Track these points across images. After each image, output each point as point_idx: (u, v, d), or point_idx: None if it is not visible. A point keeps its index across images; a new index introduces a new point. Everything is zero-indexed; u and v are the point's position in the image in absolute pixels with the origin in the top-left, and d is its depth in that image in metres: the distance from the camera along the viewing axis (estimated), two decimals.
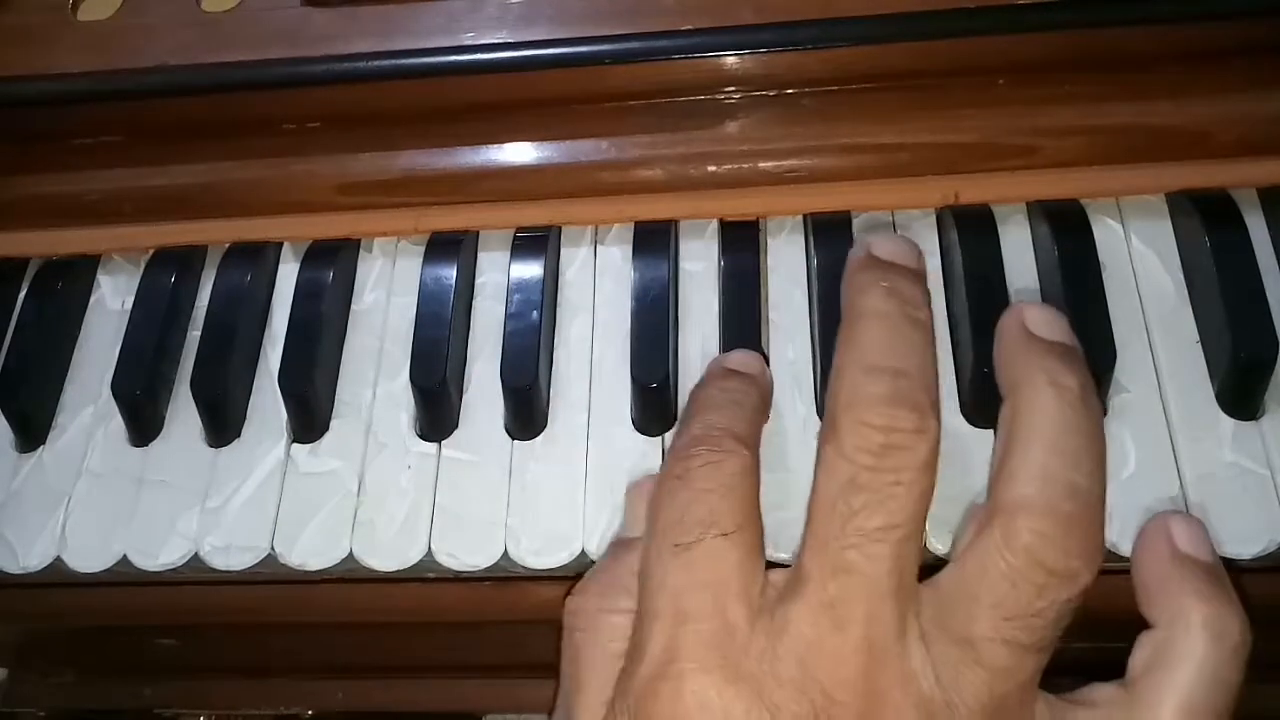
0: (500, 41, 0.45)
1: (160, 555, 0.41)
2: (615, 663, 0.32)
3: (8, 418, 0.45)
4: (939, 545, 0.37)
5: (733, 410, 0.36)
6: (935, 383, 0.33)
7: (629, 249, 0.45)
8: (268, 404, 0.44)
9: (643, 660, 0.31)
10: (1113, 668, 0.32)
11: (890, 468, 0.30)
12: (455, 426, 0.42)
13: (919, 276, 0.35)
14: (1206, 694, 0.30)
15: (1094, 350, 0.39)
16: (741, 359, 0.39)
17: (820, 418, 0.40)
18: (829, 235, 0.43)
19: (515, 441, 0.42)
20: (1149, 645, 0.31)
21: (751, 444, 0.34)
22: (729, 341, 0.42)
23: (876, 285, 0.34)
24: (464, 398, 0.43)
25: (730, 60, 0.44)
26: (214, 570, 0.41)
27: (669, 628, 0.31)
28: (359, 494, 0.41)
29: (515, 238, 0.45)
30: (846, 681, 0.29)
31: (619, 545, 0.36)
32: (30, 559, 0.42)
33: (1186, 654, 0.30)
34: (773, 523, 0.34)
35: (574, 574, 0.40)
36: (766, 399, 0.39)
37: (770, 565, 0.33)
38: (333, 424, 0.43)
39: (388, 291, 0.46)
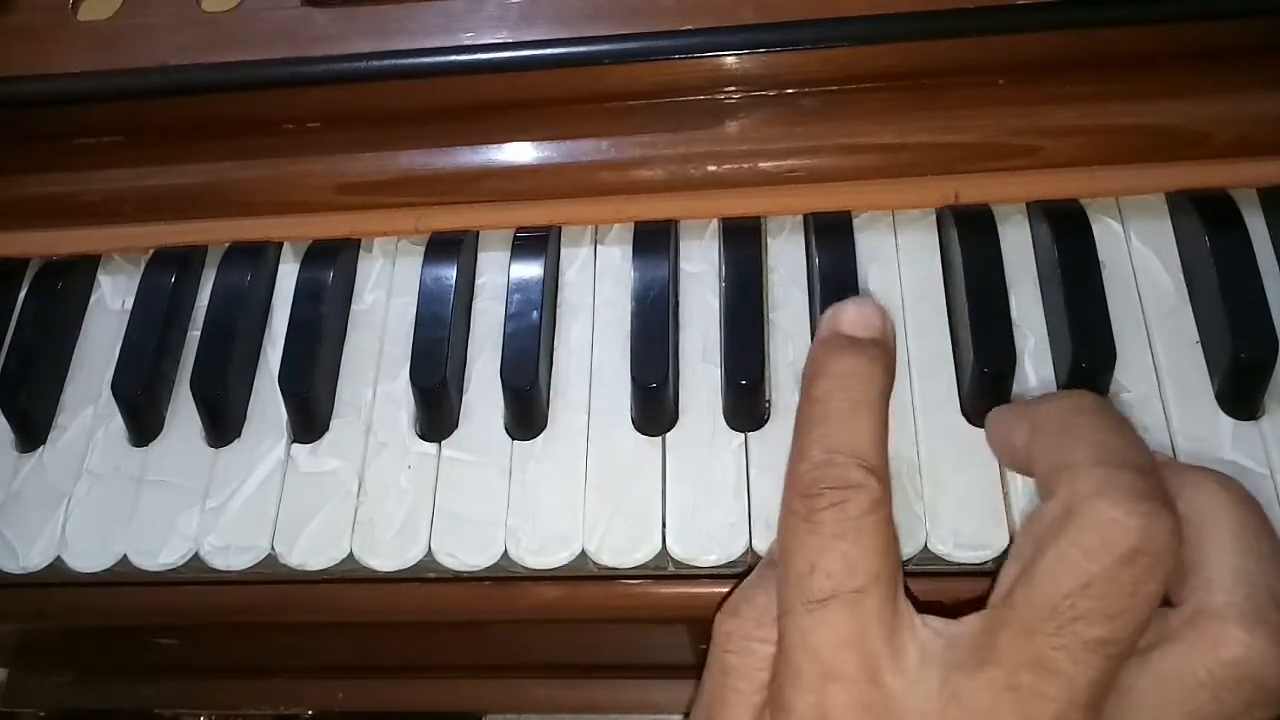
0: (500, 41, 0.45)
1: (160, 555, 0.41)
2: (760, 691, 0.32)
3: (8, 418, 0.45)
4: (939, 545, 0.37)
5: (855, 419, 0.32)
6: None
7: (629, 249, 0.45)
8: (268, 404, 0.44)
9: (792, 716, 0.30)
10: None
11: (1132, 578, 0.28)
12: (455, 426, 0.42)
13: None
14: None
15: (1094, 350, 0.39)
16: (858, 316, 0.35)
17: None
18: (829, 235, 0.43)
19: (515, 441, 0.42)
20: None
21: (879, 464, 0.32)
22: (729, 341, 0.41)
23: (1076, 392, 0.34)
24: (464, 398, 0.43)
25: (730, 60, 0.44)
26: (214, 570, 0.41)
27: (816, 686, 0.30)
28: (359, 494, 0.41)
29: (515, 238, 0.45)
30: None
31: (774, 570, 0.33)
32: (30, 559, 0.42)
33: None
34: None
35: (574, 574, 0.40)
36: (892, 367, 0.35)
37: None
38: (333, 424, 0.43)
39: (388, 291, 0.46)
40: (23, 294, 0.48)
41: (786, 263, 0.44)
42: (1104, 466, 0.29)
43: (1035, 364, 0.40)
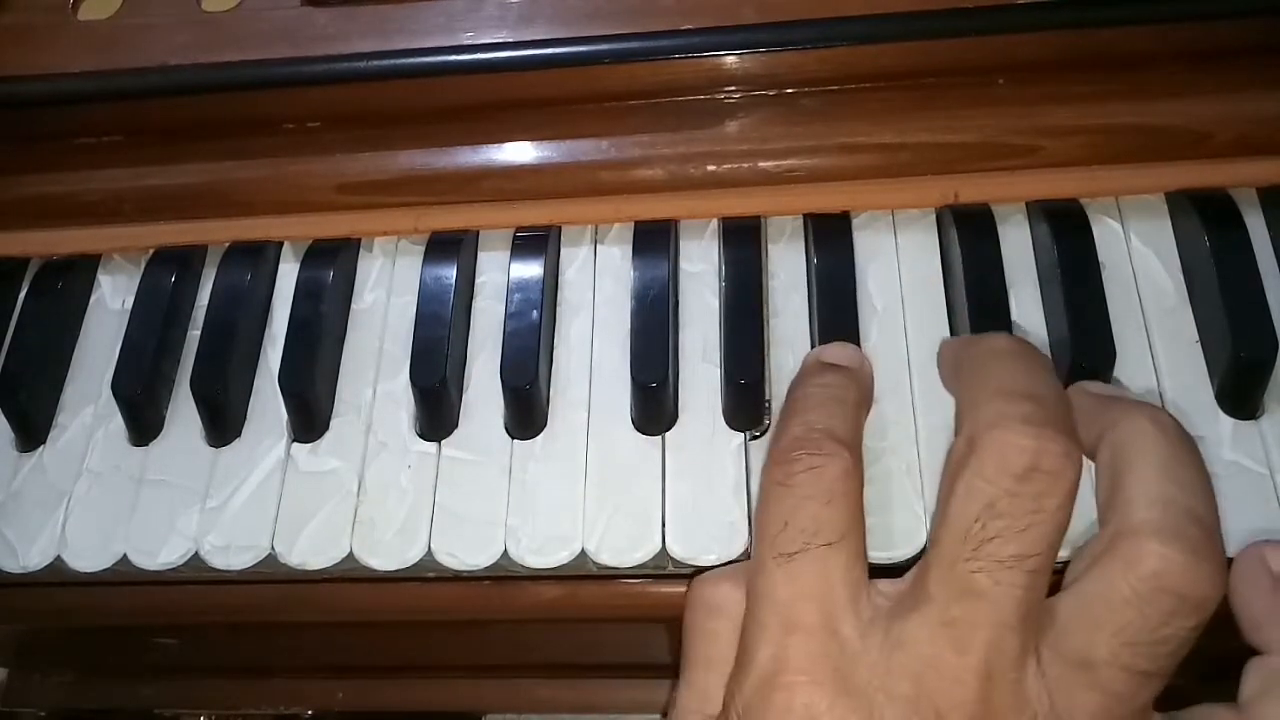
0: (500, 41, 0.45)
1: (160, 555, 0.41)
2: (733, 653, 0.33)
3: (8, 417, 0.45)
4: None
5: (832, 408, 0.35)
6: (1070, 412, 0.33)
7: (629, 249, 0.45)
8: (268, 403, 0.44)
9: (752, 667, 0.31)
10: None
11: (1032, 494, 0.30)
12: (455, 426, 0.42)
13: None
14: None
15: (1094, 349, 0.39)
16: (838, 353, 0.39)
17: None
18: (829, 235, 0.43)
19: (515, 441, 0.42)
20: (1262, 670, 0.31)
21: (852, 444, 0.34)
22: (729, 341, 0.41)
23: (994, 334, 0.37)
24: (464, 397, 0.43)
25: (730, 60, 0.44)
26: (214, 570, 0.41)
27: (777, 637, 0.31)
28: (359, 493, 0.41)
29: (515, 237, 0.46)
30: (961, 703, 0.29)
31: None
32: (30, 558, 0.42)
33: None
34: None
35: (574, 573, 0.40)
36: (867, 393, 0.39)
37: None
38: (333, 423, 0.43)
39: (388, 291, 0.46)
40: (23, 294, 0.48)
41: (786, 262, 0.44)
42: (1002, 398, 0.32)
43: None
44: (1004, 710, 0.29)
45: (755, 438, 0.40)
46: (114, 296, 0.48)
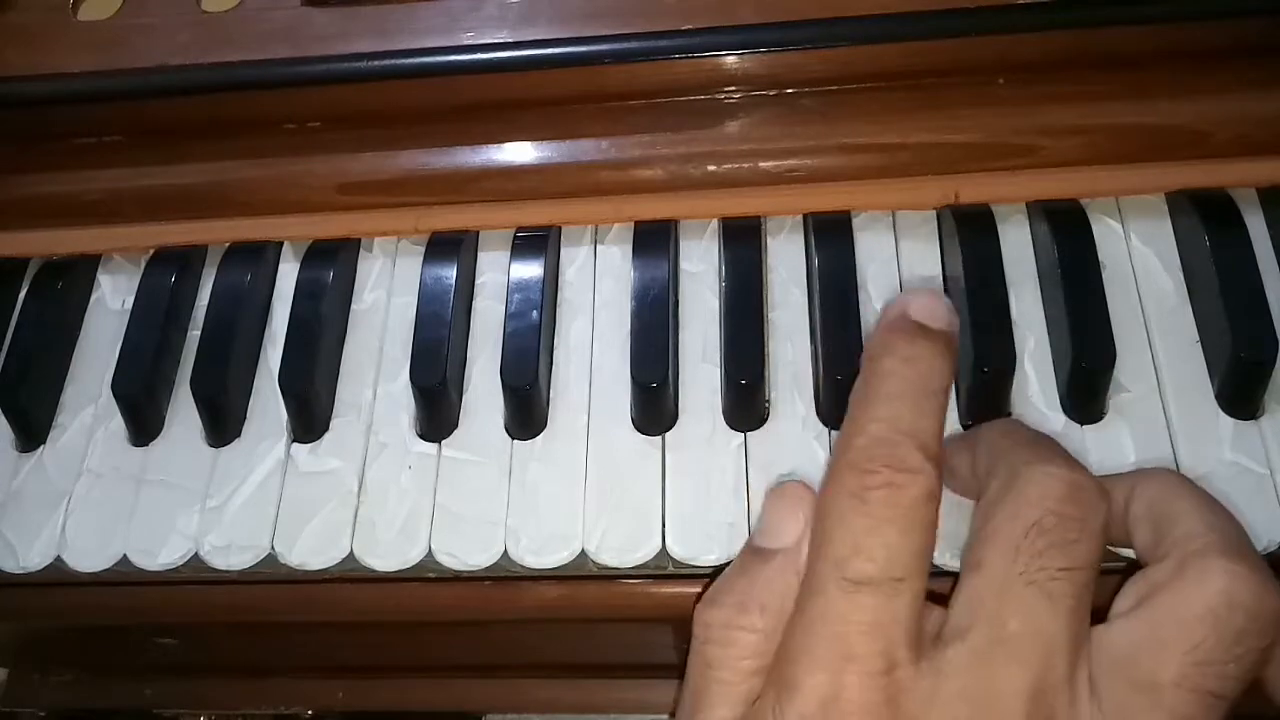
0: (500, 41, 0.45)
1: (160, 555, 0.41)
2: (746, 680, 0.31)
3: (8, 417, 0.45)
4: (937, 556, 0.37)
5: (922, 402, 0.31)
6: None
7: (629, 249, 0.45)
8: (268, 404, 0.44)
9: (799, 695, 0.30)
10: None
11: (1077, 513, 0.30)
12: (455, 426, 0.42)
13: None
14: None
15: (1094, 349, 0.39)
16: (928, 306, 0.33)
17: (819, 416, 0.40)
18: (829, 235, 0.43)
19: (515, 441, 0.42)
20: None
21: (938, 453, 0.31)
22: (729, 341, 0.41)
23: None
24: (464, 398, 0.43)
25: (730, 60, 0.44)
26: (214, 570, 0.41)
27: (834, 666, 0.29)
28: (359, 494, 0.41)
29: (515, 237, 0.46)
30: None
31: (755, 556, 0.33)
32: (30, 558, 0.42)
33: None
34: None
35: (574, 573, 0.40)
36: (955, 359, 0.33)
37: None
38: (333, 424, 0.43)
39: (388, 291, 0.46)
40: (23, 294, 0.48)
41: (786, 263, 0.44)
42: (1029, 448, 0.32)
43: (1035, 364, 0.40)
44: None
45: (753, 435, 0.40)
46: (114, 296, 0.48)
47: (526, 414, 0.41)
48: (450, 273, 0.44)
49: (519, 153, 0.45)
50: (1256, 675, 0.30)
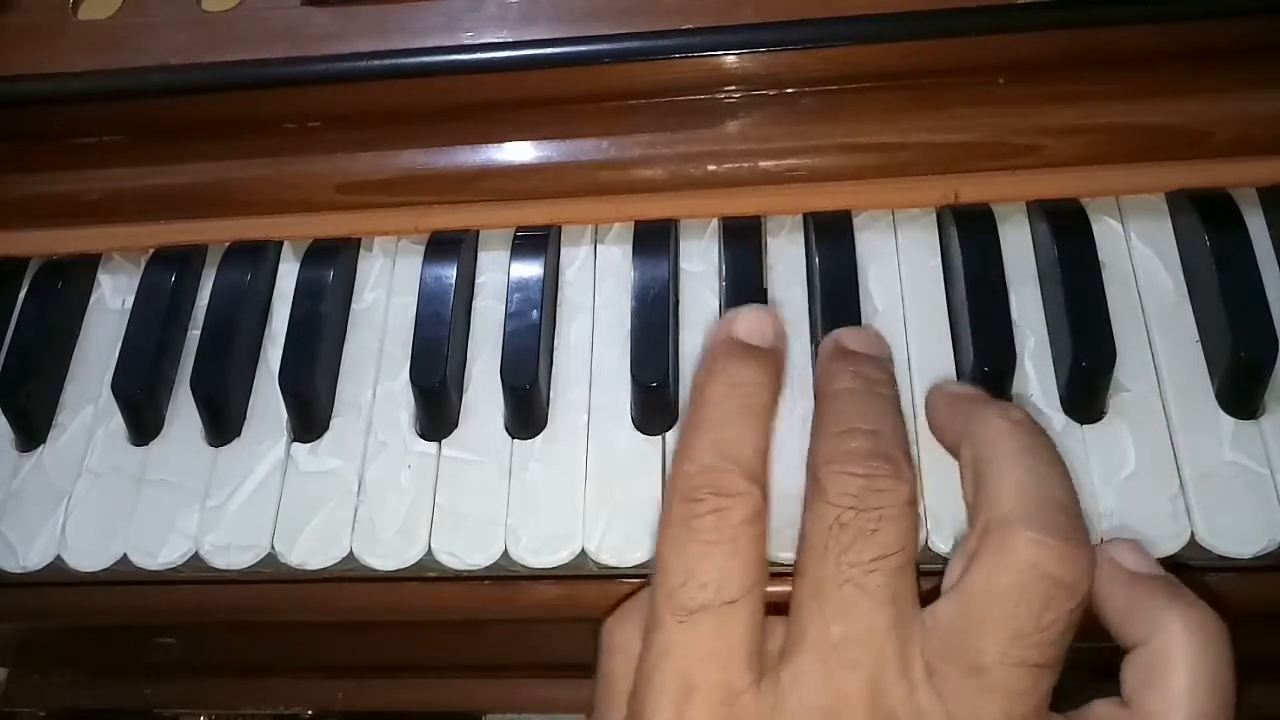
0: (500, 41, 0.45)
1: (160, 554, 0.41)
2: None
3: (8, 417, 0.45)
4: (941, 545, 0.37)
5: (745, 423, 0.33)
6: (907, 444, 0.33)
7: (629, 248, 0.45)
8: (268, 403, 0.44)
9: None
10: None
11: (874, 506, 0.30)
12: (455, 426, 0.42)
13: (885, 362, 0.37)
14: (1208, 697, 0.30)
15: (1094, 349, 0.39)
16: (751, 323, 0.35)
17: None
18: (829, 235, 0.43)
19: (515, 441, 0.42)
20: (1138, 664, 0.31)
21: (761, 471, 0.32)
22: None
23: (845, 370, 0.35)
24: (464, 397, 0.43)
25: (730, 59, 0.44)
26: (214, 569, 0.41)
27: (675, 699, 0.30)
28: (359, 493, 0.41)
29: (515, 237, 0.45)
30: None
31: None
32: (30, 558, 0.42)
33: (1178, 660, 0.30)
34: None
35: (574, 573, 0.40)
36: (781, 372, 0.36)
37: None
38: (333, 423, 0.43)
39: (388, 291, 0.46)
40: (23, 293, 0.48)
41: (786, 262, 0.44)
42: (835, 438, 0.32)
43: (1035, 364, 0.40)
44: None
45: None
46: (114, 296, 0.48)
47: (526, 413, 0.41)
48: (450, 272, 0.44)
49: (519, 152, 0.45)
50: (1081, 628, 0.30)
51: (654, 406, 0.41)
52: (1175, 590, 0.31)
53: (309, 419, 0.43)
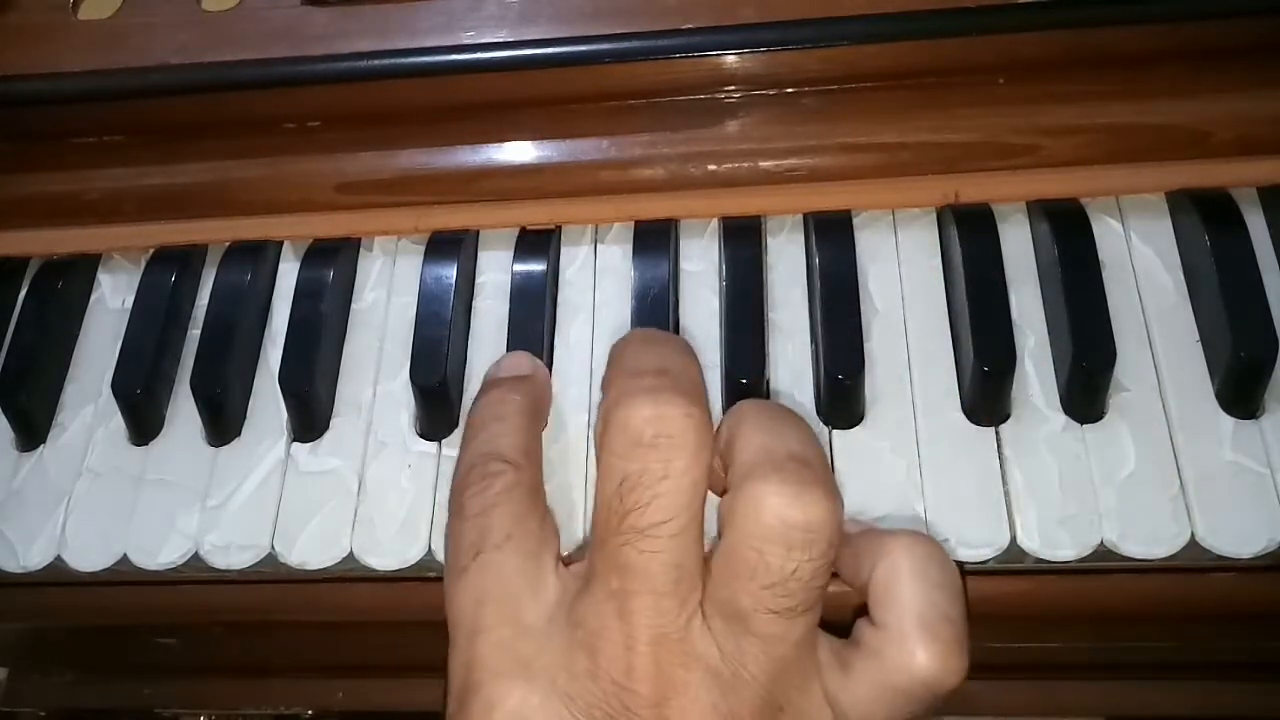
0: (500, 40, 0.45)
1: (160, 554, 0.41)
2: None
3: (8, 416, 0.45)
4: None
5: (496, 427, 0.37)
6: (698, 381, 0.35)
7: (629, 248, 0.45)
8: (268, 403, 0.44)
9: (452, 682, 0.33)
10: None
11: (659, 460, 0.32)
12: (456, 425, 0.42)
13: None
14: (934, 590, 0.32)
15: (1094, 349, 0.39)
16: (511, 364, 0.41)
17: (819, 416, 0.40)
18: (829, 234, 0.43)
19: None
20: (874, 593, 0.32)
21: (518, 455, 0.36)
22: (730, 340, 0.41)
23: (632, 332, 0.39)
24: (464, 397, 0.43)
25: (730, 59, 0.44)
26: (214, 569, 0.41)
27: (466, 645, 0.33)
28: (359, 493, 0.41)
29: (516, 237, 0.45)
30: (635, 668, 0.31)
31: None
32: (30, 558, 0.42)
33: (901, 573, 0.32)
34: None
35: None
36: (539, 399, 0.40)
37: None
38: (333, 423, 0.43)
39: (388, 291, 0.46)
40: (23, 293, 0.48)
41: (786, 262, 0.44)
42: (626, 376, 0.34)
43: (1035, 363, 0.40)
44: (675, 667, 0.31)
45: None
46: (114, 296, 0.48)
47: None
48: (450, 272, 0.44)
49: (519, 152, 0.45)
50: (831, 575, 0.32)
51: None
52: (889, 531, 0.34)
53: (309, 419, 0.43)
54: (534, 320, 0.43)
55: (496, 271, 0.45)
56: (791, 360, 0.42)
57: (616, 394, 0.33)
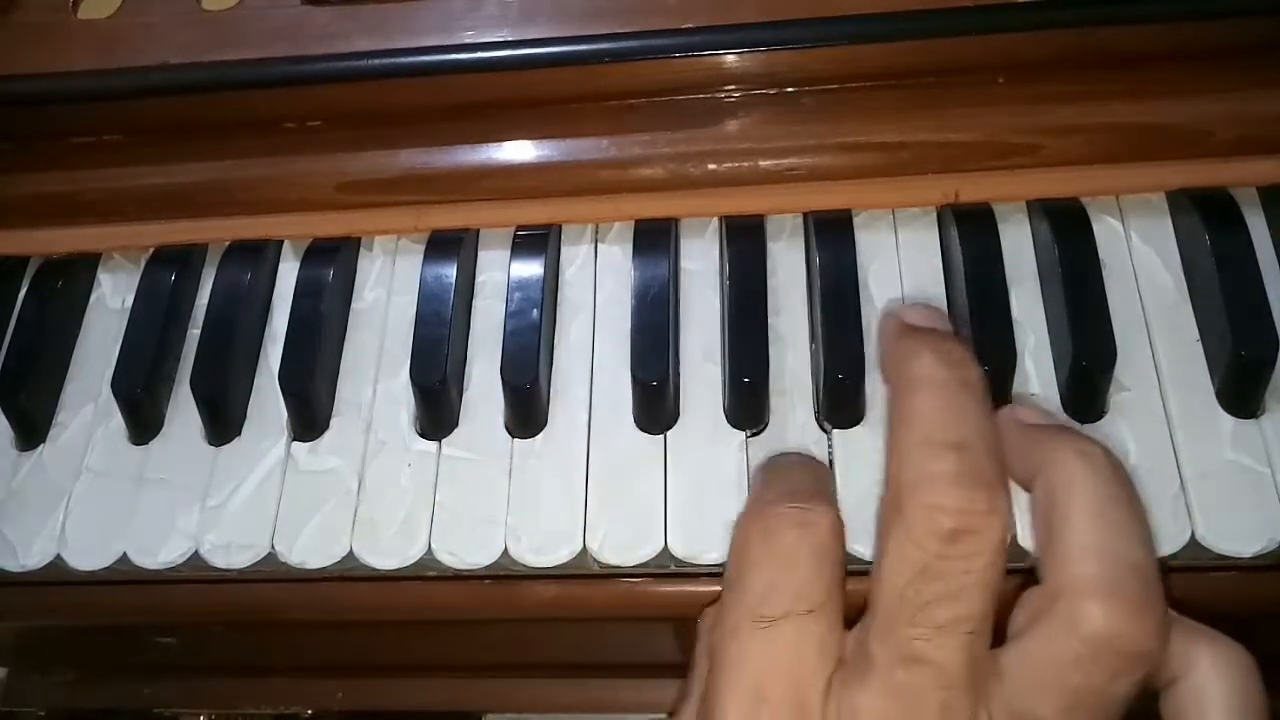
0: (500, 40, 0.45)
1: (160, 553, 0.41)
2: None
3: (8, 416, 0.45)
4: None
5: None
6: (997, 449, 0.31)
7: (629, 247, 0.45)
8: (268, 402, 0.44)
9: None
10: None
11: (962, 555, 0.29)
12: (455, 425, 0.42)
13: (963, 340, 0.35)
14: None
15: (1095, 349, 0.39)
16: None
17: (819, 424, 0.40)
18: (830, 233, 0.43)
19: (515, 440, 0.42)
20: (1176, 707, 0.30)
21: (825, 496, 0.33)
22: (732, 339, 0.41)
23: (924, 350, 0.33)
24: (464, 396, 0.43)
25: (730, 59, 0.44)
26: (214, 568, 0.41)
27: (746, 707, 0.30)
28: (359, 492, 0.41)
29: (515, 236, 0.45)
30: None
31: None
32: (30, 557, 0.42)
33: (1215, 700, 0.30)
34: None
35: (574, 572, 0.40)
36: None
37: None
38: (333, 422, 0.43)
39: (388, 290, 0.46)
40: (23, 292, 0.48)
41: (787, 262, 0.44)
42: (924, 452, 0.30)
43: (1035, 363, 0.40)
44: None
45: (755, 434, 0.40)
46: (114, 295, 0.48)
47: (527, 413, 0.41)
48: (450, 271, 0.44)
49: (519, 151, 0.45)
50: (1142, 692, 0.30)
51: (654, 405, 0.41)
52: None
53: (309, 418, 0.43)
54: (534, 320, 0.43)
55: (496, 271, 0.45)
56: (793, 359, 0.42)
57: (916, 475, 0.30)
